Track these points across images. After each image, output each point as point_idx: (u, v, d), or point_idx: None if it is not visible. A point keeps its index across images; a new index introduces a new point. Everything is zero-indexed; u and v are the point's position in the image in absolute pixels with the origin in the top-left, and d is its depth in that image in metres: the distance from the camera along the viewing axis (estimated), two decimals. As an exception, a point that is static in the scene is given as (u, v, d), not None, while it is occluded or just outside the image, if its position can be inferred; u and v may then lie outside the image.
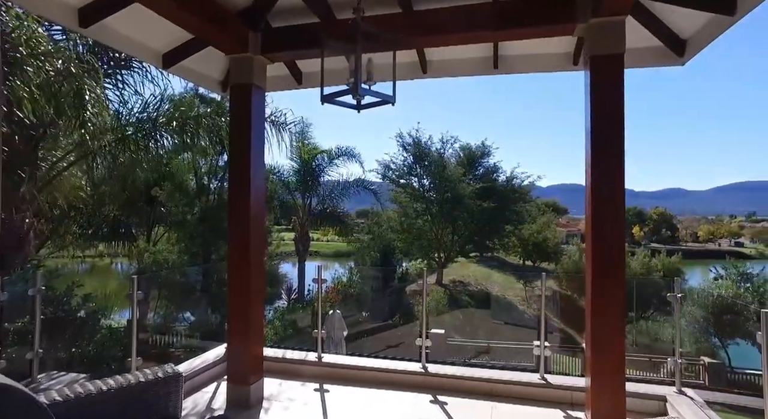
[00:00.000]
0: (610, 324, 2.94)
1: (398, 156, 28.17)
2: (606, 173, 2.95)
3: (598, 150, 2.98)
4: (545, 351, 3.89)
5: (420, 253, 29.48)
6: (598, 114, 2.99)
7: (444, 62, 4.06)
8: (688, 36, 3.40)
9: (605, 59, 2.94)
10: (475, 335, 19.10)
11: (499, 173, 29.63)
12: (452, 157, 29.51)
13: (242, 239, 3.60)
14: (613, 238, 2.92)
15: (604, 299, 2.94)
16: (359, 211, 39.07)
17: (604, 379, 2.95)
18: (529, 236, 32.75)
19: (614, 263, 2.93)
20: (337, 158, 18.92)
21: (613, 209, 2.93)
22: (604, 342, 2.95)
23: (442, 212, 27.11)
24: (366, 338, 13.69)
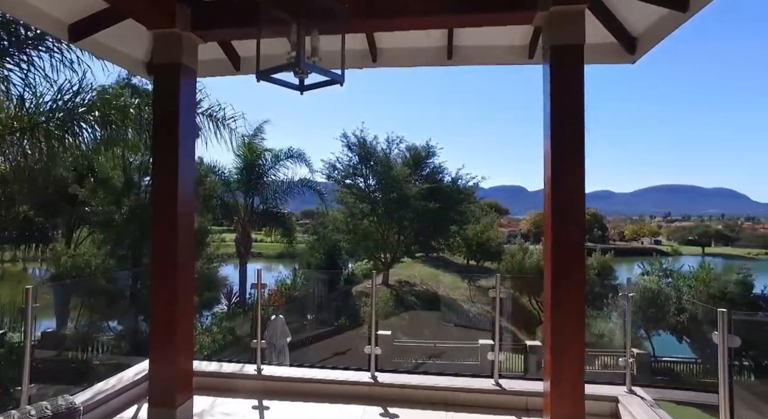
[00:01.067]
0: (570, 327, 2.81)
1: (344, 156, 27.83)
2: (566, 171, 2.82)
3: (558, 146, 2.84)
4: (499, 355, 3.75)
5: (366, 254, 29.31)
6: (558, 108, 2.85)
7: (396, 51, 3.81)
8: (639, 33, 3.38)
9: (566, 50, 2.81)
10: (422, 335, 19.15)
11: (444, 174, 30.07)
12: (398, 157, 29.57)
13: (168, 239, 3.14)
14: (573, 239, 2.80)
15: (564, 302, 2.81)
16: (305, 211, 38.32)
17: (564, 383, 2.82)
18: (473, 236, 33.47)
19: (574, 264, 2.81)
20: (285, 159, 18.27)
21: (573, 208, 2.81)
22: (564, 346, 2.82)
23: (388, 212, 27.05)
24: (311, 345, 13.14)
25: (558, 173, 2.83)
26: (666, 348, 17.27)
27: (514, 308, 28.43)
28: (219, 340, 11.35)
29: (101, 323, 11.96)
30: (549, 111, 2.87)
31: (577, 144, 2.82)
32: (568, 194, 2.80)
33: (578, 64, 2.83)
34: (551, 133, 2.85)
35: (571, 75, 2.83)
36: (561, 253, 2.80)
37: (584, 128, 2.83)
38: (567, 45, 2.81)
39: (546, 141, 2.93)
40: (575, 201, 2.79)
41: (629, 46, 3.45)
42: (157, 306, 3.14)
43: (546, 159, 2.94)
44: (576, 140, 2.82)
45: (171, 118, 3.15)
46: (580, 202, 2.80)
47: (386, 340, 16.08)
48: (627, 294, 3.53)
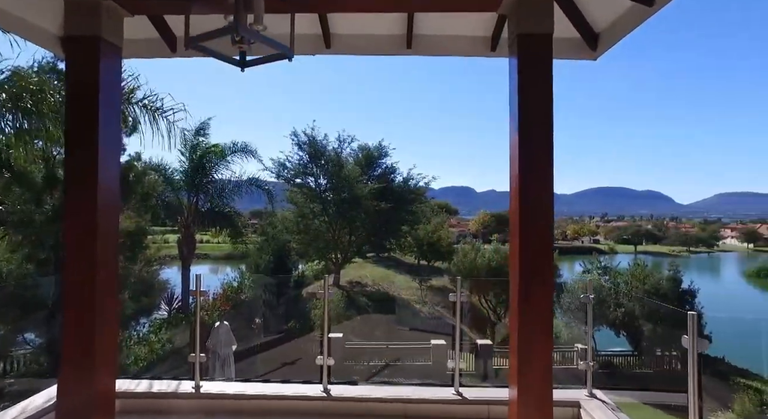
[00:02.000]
0: (538, 330, 2.65)
1: (294, 155, 27.12)
2: (534, 167, 2.67)
3: (526, 142, 2.68)
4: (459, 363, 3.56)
5: (317, 254, 28.77)
6: (526, 101, 2.69)
7: (351, 37, 3.52)
8: (602, 28, 3.29)
9: (534, 39, 2.65)
10: (374, 337, 18.94)
11: (396, 174, 30.07)
12: (350, 156, 29.25)
13: (85, 236, 2.67)
14: (542, 237, 2.65)
15: (532, 304, 2.65)
16: (254, 211, 37.14)
17: (531, 390, 2.65)
18: (424, 236, 33.78)
19: (542, 264, 2.65)
20: (231, 154, 17.30)
21: (542, 206, 2.65)
22: (532, 350, 2.65)
23: (339, 212, 26.67)
24: (259, 354, 12.43)
25: (526, 169, 2.67)
26: (608, 343, 18.09)
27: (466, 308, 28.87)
28: (157, 350, 10.46)
29: (16, 335, 10.62)
30: (516, 104, 2.70)
31: (545, 139, 2.68)
32: (536, 190, 2.65)
33: (547, 54, 2.68)
34: (519, 128, 2.69)
35: (540, 66, 2.68)
36: (529, 252, 2.64)
37: (553, 123, 2.69)
38: (535, 34, 2.65)
39: (513, 136, 2.76)
40: (544, 198, 2.64)
41: (591, 41, 3.36)
42: (70, 314, 2.67)
43: (513, 155, 2.77)
44: (545, 135, 2.68)
45: (87, 101, 2.69)
46: (549, 199, 2.65)
47: (337, 343, 15.71)
48: (588, 296, 3.45)
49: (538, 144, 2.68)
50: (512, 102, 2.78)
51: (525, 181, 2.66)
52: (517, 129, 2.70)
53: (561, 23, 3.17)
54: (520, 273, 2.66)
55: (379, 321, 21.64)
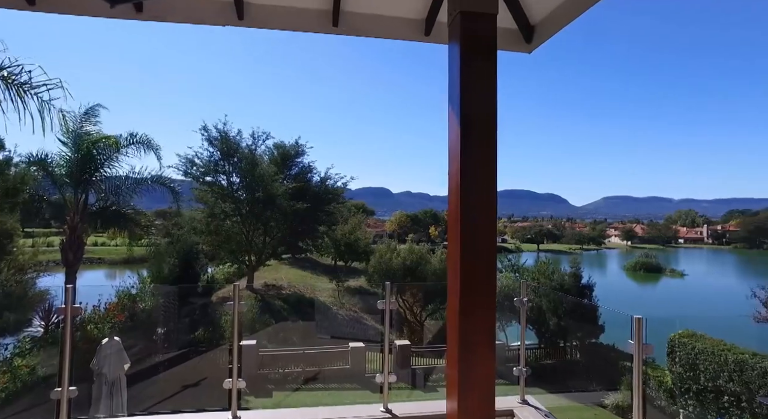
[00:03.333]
0: (480, 338, 2.41)
1: (203, 151, 25.22)
2: (477, 163, 2.42)
3: (468, 135, 2.42)
4: (390, 376, 3.23)
5: (229, 256, 27.12)
6: (469, 92, 2.43)
7: (268, 8, 3.04)
8: (538, 20, 3.18)
9: (478, 20, 2.40)
10: (290, 342, 18.16)
11: (313, 173, 29.30)
12: (265, 154, 27.94)
13: None
14: (485, 238, 2.40)
15: (474, 310, 2.40)
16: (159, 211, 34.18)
17: (472, 403, 2.40)
18: (341, 236, 33.42)
19: (486, 267, 2.41)
20: (128, 147, 15.31)
21: (485, 204, 2.41)
22: (473, 360, 2.40)
23: (253, 212, 25.34)
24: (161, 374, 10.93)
25: (468, 165, 2.41)
26: (516, 337, 19.03)
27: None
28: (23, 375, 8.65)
29: None
30: (458, 94, 2.43)
31: (489, 134, 2.44)
32: (479, 188, 2.40)
33: (491, 38, 2.45)
34: (460, 119, 2.42)
35: (484, 50, 2.44)
36: (471, 254, 2.39)
37: (497, 116, 2.47)
38: (480, 13, 2.40)
39: (453, 130, 2.49)
40: (487, 196, 2.40)
41: (527, 33, 3.23)
42: None
43: (453, 151, 2.50)
44: (488, 129, 2.44)
45: None
46: (493, 197, 2.42)
47: (251, 351, 14.76)
48: (522, 299, 3.31)
49: (482, 139, 2.44)
50: (453, 92, 2.51)
51: (467, 178, 2.40)
52: (458, 122, 2.43)
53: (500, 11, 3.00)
54: (461, 278, 2.39)
55: (295, 325, 20.86)
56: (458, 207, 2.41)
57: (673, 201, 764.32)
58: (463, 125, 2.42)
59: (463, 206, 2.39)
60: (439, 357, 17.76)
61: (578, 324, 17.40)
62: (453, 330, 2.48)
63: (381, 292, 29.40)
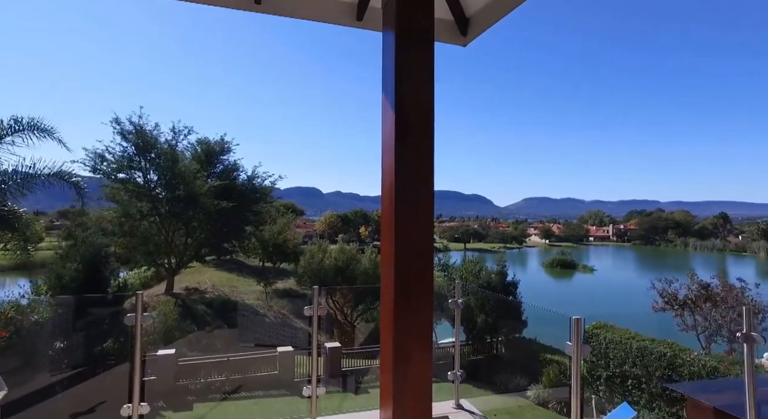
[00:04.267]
0: (417, 343, 2.24)
1: (116, 146, 23.06)
2: (414, 158, 2.25)
3: (404, 128, 2.23)
4: (318, 389, 2.97)
5: (145, 259, 25.08)
6: (405, 81, 2.25)
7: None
8: (473, 12, 3.08)
9: (414, 4, 2.22)
10: (214, 349, 17.12)
11: (239, 172, 27.99)
12: (187, 151, 26.21)
13: None
14: (421, 238, 2.23)
15: (410, 313, 2.23)
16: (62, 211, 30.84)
17: (409, 412, 2.23)
18: (269, 237, 32.38)
19: (422, 268, 2.24)
20: (12, 135, 13.26)
21: (421, 203, 2.25)
22: (410, 366, 2.22)
23: (173, 212, 23.65)
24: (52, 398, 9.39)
25: (404, 161, 2.22)
26: (444, 334, 19.43)
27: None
28: None
29: None
30: (393, 85, 2.24)
31: (426, 128, 2.28)
32: (416, 184, 2.23)
33: (428, 24, 2.29)
34: (395, 111, 2.23)
35: (420, 37, 2.27)
36: (406, 256, 2.21)
37: (434, 109, 2.31)
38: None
39: (387, 122, 2.30)
40: (424, 194, 2.23)
41: (463, 25, 3.13)
42: None
43: (387, 145, 2.31)
44: (425, 123, 2.28)
45: None
46: (429, 195, 2.26)
47: (169, 361, 13.69)
48: (457, 301, 3.20)
49: (418, 132, 2.27)
50: (387, 82, 2.32)
51: (402, 174, 2.22)
52: (393, 114, 2.24)
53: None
54: (396, 280, 2.21)
55: (220, 331, 19.73)
56: (393, 204, 2.22)
57: (585, 202, 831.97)
58: (398, 117, 2.23)
59: (398, 203, 2.21)
60: (370, 357, 17.67)
61: (504, 320, 18.15)
62: (387, 335, 2.29)
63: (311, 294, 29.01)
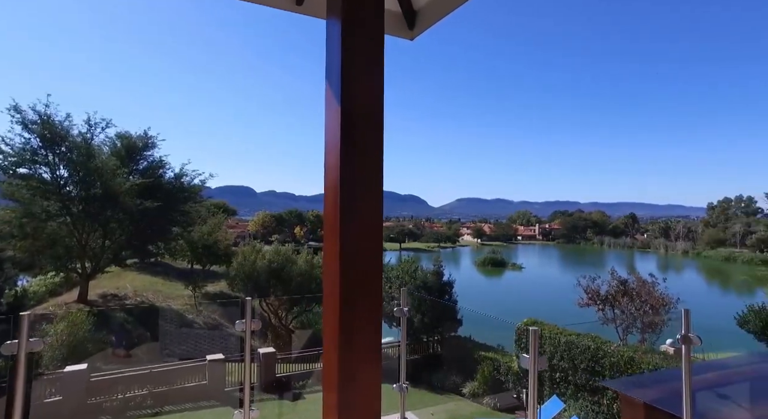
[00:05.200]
0: (365, 359, 2.02)
1: (15, 137, 20.59)
2: (361, 153, 2.02)
3: (350, 120, 2.00)
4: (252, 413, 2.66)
5: (53, 264, 22.61)
6: (353, 74, 2.02)
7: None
8: (421, 5, 2.93)
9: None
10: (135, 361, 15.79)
11: (165, 169, 26.16)
12: (104, 145, 24.07)
13: None
14: (370, 247, 2.02)
15: (357, 323, 2.00)
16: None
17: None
18: (199, 238, 30.69)
19: (371, 279, 2.03)
20: None
21: (371, 207, 2.03)
22: (356, 386, 2.00)
23: (88, 212, 21.60)
24: None
25: (350, 158, 1.99)
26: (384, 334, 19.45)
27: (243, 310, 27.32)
28: None
29: None
30: (338, 75, 2.01)
31: (375, 122, 2.06)
32: (363, 184, 2.01)
33: (379, 11, 2.08)
34: (341, 105, 1.99)
35: (370, 27, 2.06)
36: (353, 263, 1.98)
37: (383, 101, 2.10)
38: (365, -25, 2.01)
39: (331, 117, 2.06)
40: (372, 192, 2.02)
41: (410, 18, 2.97)
42: None
43: (331, 141, 2.07)
44: (374, 117, 2.06)
45: None
46: (378, 193, 2.05)
47: (78, 378, 12.36)
48: (403, 309, 3.02)
49: (366, 129, 2.05)
50: (332, 74, 2.07)
51: (348, 174, 1.99)
52: (338, 110, 2.00)
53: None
54: (341, 290, 1.97)
55: (142, 340, 18.25)
56: (337, 207, 1.98)
57: (514, 203, 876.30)
58: (344, 112, 2.00)
59: (343, 206, 1.97)
60: (306, 361, 17.23)
61: (440, 319, 18.45)
62: (331, 351, 2.05)
63: (244, 296, 27.82)
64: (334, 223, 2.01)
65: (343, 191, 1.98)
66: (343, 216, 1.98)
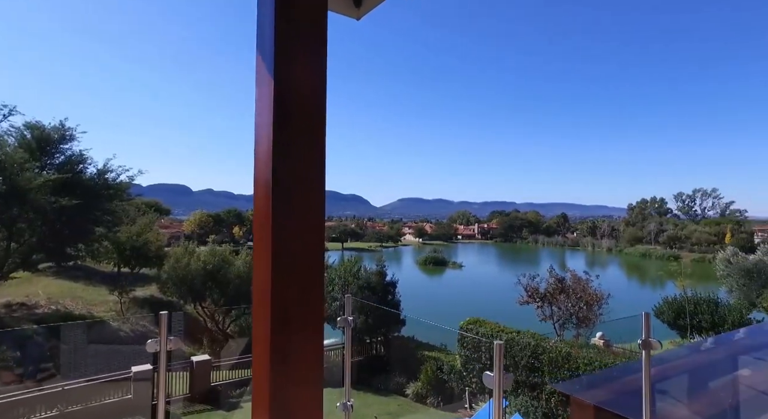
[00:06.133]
0: (304, 378, 1.66)
1: None
2: (300, 145, 1.66)
3: (284, 106, 1.64)
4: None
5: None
6: (290, 55, 1.66)
7: None
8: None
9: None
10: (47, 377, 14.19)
11: (86, 164, 23.95)
12: (10, 135, 21.62)
13: None
14: (311, 248, 1.67)
15: (293, 341, 1.64)
16: None
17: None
18: (126, 239, 28.45)
19: (311, 285, 1.67)
20: None
21: (312, 204, 1.68)
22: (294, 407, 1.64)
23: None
24: None
25: (284, 143, 1.63)
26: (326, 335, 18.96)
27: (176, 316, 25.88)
28: None
29: None
30: (271, 55, 1.64)
31: (316, 103, 1.71)
32: (303, 178, 1.65)
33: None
34: (275, 86, 1.63)
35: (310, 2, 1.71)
36: (288, 273, 1.62)
37: (326, 86, 1.76)
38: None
39: (263, 99, 1.68)
40: (314, 189, 1.67)
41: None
42: None
43: (261, 126, 1.70)
44: (315, 96, 1.71)
45: None
46: (321, 189, 1.70)
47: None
48: (347, 318, 2.69)
49: (306, 110, 1.70)
50: (265, 53, 1.70)
51: (281, 161, 1.63)
52: (270, 92, 1.63)
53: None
54: (273, 293, 1.61)
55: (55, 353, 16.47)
56: (269, 201, 1.62)
57: (454, 203, 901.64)
58: (278, 90, 1.63)
59: (275, 200, 1.61)
60: (244, 368, 16.42)
61: (383, 320, 18.26)
62: (261, 380, 1.68)
63: (177, 300, 26.27)
64: (266, 227, 1.64)
65: (276, 184, 1.63)
66: (277, 214, 1.62)
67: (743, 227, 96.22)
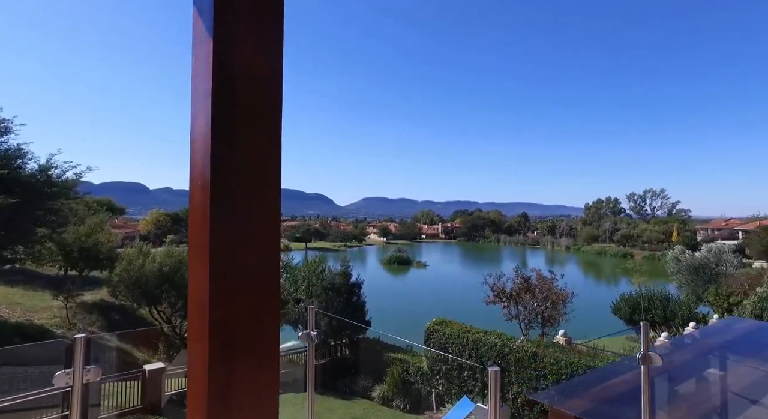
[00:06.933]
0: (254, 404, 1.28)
1: None
2: (248, 136, 1.27)
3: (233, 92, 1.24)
4: None
5: None
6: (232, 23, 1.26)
7: None
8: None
9: None
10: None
11: (26, 160, 22.18)
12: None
13: None
14: (266, 242, 1.28)
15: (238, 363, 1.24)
16: None
17: None
18: (74, 240, 26.65)
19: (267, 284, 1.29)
20: None
21: (263, 195, 1.29)
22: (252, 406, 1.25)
23: None
24: None
25: (227, 128, 1.24)
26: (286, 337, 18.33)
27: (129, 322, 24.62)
28: None
29: None
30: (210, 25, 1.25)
31: (272, 80, 1.33)
32: (251, 170, 1.27)
33: None
34: (214, 46, 1.23)
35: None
36: (235, 273, 1.23)
37: (282, 61, 1.37)
38: None
39: (199, 62, 1.29)
40: (268, 183, 1.29)
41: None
42: None
43: (198, 98, 1.30)
44: (270, 70, 1.32)
45: None
46: (275, 183, 1.32)
47: None
48: (310, 333, 2.31)
49: (256, 95, 1.30)
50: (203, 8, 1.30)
51: (224, 148, 1.24)
52: (209, 73, 1.24)
53: None
54: (212, 312, 1.22)
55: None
56: (207, 199, 1.22)
57: (418, 203, 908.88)
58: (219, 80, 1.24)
59: (213, 199, 1.22)
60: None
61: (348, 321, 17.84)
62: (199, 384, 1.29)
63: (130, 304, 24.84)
64: (203, 224, 1.25)
65: (216, 175, 1.23)
66: (216, 213, 1.23)
67: (687, 226, 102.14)
